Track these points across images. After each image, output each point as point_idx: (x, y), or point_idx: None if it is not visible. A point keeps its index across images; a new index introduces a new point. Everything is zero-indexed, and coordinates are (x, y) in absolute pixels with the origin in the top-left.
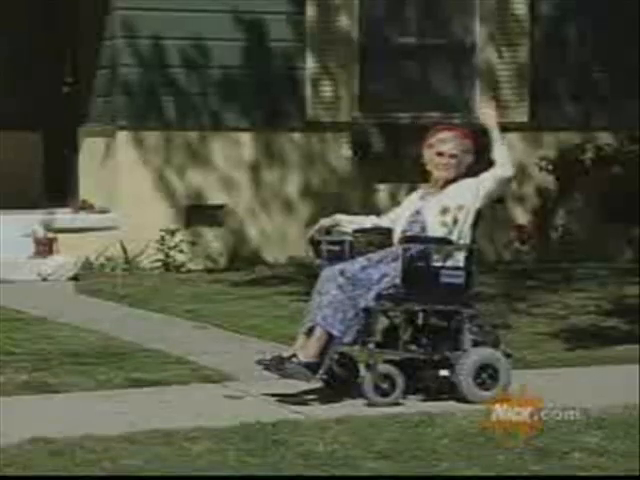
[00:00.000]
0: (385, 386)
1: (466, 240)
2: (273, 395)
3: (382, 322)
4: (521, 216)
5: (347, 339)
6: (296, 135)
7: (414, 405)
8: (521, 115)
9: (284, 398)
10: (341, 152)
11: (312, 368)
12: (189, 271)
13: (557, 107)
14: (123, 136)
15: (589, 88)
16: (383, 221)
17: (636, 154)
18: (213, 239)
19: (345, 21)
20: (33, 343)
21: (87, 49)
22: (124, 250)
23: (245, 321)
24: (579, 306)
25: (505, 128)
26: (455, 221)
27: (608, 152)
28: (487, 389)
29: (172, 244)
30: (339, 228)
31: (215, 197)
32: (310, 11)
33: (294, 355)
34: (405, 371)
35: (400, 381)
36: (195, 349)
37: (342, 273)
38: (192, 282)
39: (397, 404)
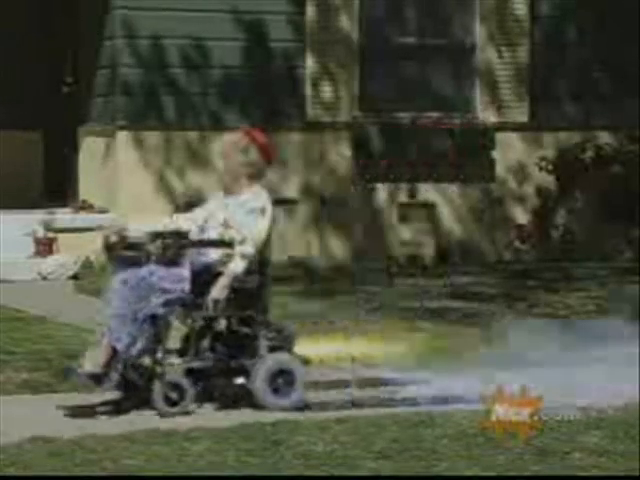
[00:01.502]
0: (174, 395)
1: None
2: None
3: (181, 329)
4: (521, 216)
5: (134, 351)
6: (296, 135)
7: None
8: (521, 115)
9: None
10: (341, 152)
11: (97, 378)
12: None
13: (557, 107)
14: (123, 136)
15: (589, 88)
16: (181, 222)
17: (636, 153)
18: None
19: (345, 21)
20: (33, 343)
21: (87, 49)
22: None
23: None
24: (579, 306)
25: (505, 128)
26: (231, 238)
27: (608, 152)
28: (283, 395)
29: None
30: (132, 232)
31: None
32: (310, 11)
33: (80, 366)
34: (200, 379)
35: (190, 390)
36: None
37: (125, 283)
38: None
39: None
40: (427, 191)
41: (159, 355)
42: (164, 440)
